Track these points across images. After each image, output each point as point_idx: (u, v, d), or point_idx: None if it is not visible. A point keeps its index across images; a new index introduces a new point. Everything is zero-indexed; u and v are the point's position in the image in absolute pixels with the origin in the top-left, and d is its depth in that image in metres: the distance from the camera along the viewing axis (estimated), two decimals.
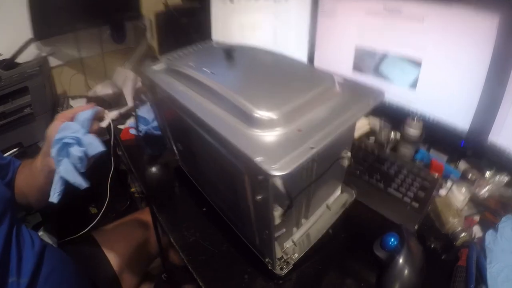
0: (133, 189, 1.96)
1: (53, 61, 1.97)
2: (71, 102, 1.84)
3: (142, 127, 1.27)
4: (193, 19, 1.84)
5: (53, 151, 0.62)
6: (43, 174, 0.74)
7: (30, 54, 1.81)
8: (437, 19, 0.89)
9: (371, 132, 1.11)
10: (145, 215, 1.22)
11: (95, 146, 0.62)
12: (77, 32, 1.96)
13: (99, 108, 0.69)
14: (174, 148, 0.92)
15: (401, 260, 0.62)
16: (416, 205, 0.79)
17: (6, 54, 1.63)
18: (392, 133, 1.03)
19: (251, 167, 0.40)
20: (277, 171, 0.37)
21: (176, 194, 0.97)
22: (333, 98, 0.53)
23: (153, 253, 1.19)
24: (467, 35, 0.83)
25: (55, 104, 1.78)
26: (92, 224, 1.18)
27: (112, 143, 1.30)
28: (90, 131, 0.65)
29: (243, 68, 0.68)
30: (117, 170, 1.62)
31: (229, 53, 0.69)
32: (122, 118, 1.48)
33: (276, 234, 0.57)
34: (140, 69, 0.79)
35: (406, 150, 0.98)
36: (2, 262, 0.68)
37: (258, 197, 0.46)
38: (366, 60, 1.09)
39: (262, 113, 0.46)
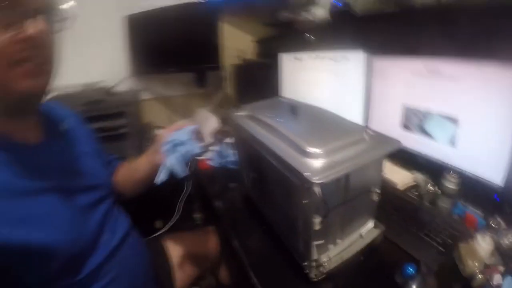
0: (198, 215, 2.18)
1: (144, 95, 2.31)
2: (156, 132, 2.12)
3: (219, 161, 1.52)
4: (265, 72, 2.03)
5: (165, 148, 0.92)
6: (146, 168, 1.05)
7: (126, 85, 2.18)
8: (470, 79, 0.98)
9: (415, 186, 1.19)
10: (208, 233, 1.39)
11: (196, 148, 0.91)
12: (167, 74, 2.29)
13: (197, 125, 0.98)
14: (246, 176, 1.15)
15: (414, 287, 0.74)
16: (442, 249, 0.86)
17: (107, 83, 2.02)
18: (431, 186, 1.11)
19: (302, 179, 0.63)
20: (317, 180, 0.60)
21: (243, 216, 1.16)
22: (361, 143, 0.74)
23: (205, 266, 1.33)
24: (496, 93, 0.92)
25: (142, 129, 2.08)
26: (157, 233, 1.33)
27: (190, 170, 1.50)
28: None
29: (301, 119, 0.92)
30: (188, 194, 1.82)
31: (293, 108, 0.93)
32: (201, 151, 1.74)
33: (316, 242, 0.76)
34: (229, 113, 1.04)
35: (443, 203, 1.04)
36: (104, 221, 0.91)
37: (305, 201, 0.67)
38: (412, 118, 1.20)
39: (311, 149, 0.69)
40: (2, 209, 0.66)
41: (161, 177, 0.92)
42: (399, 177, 1.21)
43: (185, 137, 0.93)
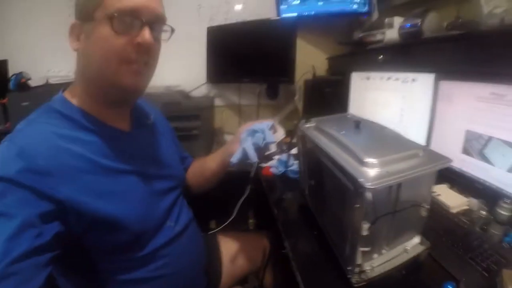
0: (252, 220, 2.28)
1: (217, 101, 2.51)
2: (225, 137, 2.29)
3: (282, 169, 1.61)
4: (335, 89, 2.10)
5: (244, 134, 1.07)
6: (218, 162, 1.21)
7: (202, 91, 2.41)
8: None
9: (468, 210, 1.17)
10: (259, 237, 1.48)
11: (271, 137, 1.05)
12: (240, 84, 2.47)
13: (274, 122, 1.11)
14: (306, 184, 1.24)
15: None
16: (485, 274, 0.85)
17: (185, 87, 2.26)
18: (484, 212, 1.10)
19: (356, 184, 0.72)
20: (369, 186, 0.68)
21: (298, 222, 1.23)
22: (414, 158, 0.80)
23: (252, 268, 1.41)
24: None
25: (213, 133, 2.25)
26: (213, 231, 1.39)
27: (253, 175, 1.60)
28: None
29: (363, 133, 1.00)
30: (246, 198, 1.90)
31: (357, 123, 1.01)
32: (265, 159, 1.83)
33: (362, 248, 0.81)
34: (297, 124, 1.14)
35: (495, 230, 1.02)
36: (171, 209, 1.02)
37: (357, 205, 0.75)
38: (473, 143, 1.20)
39: (368, 160, 0.76)
40: (90, 181, 0.79)
41: (236, 156, 1.05)
42: (453, 200, 1.21)
43: (263, 127, 1.07)
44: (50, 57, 2.25)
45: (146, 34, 0.80)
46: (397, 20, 1.62)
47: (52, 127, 0.79)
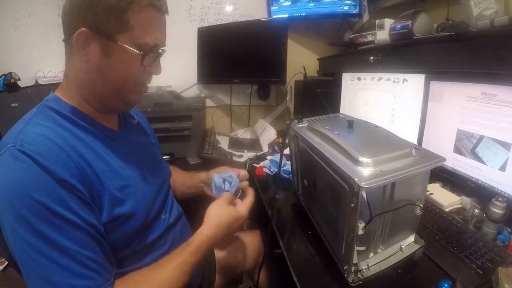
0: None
1: (208, 102, 2.46)
2: (217, 137, 2.28)
3: (273, 169, 1.63)
4: (326, 90, 2.11)
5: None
6: (199, 181, 1.29)
7: (193, 92, 2.37)
8: None
9: (461, 209, 1.20)
10: (252, 235, 1.48)
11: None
12: (231, 84, 2.45)
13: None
14: (300, 183, 1.25)
15: None
16: (480, 272, 0.86)
17: (176, 88, 2.19)
18: (477, 210, 1.10)
19: (351, 184, 0.72)
20: (364, 185, 0.68)
21: (292, 222, 1.24)
22: (408, 157, 0.81)
23: (245, 267, 1.41)
24: None
25: (204, 134, 2.24)
26: None
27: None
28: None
29: (356, 132, 1.00)
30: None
31: (351, 123, 1.01)
32: (258, 159, 1.84)
33: (358, 248, 0.82)
34: (290, 124, 1.13)
35: (488, 228, 1.03)
36: (163, 202, 1.05)
37: (352, 204, 0.75)
38: (464, 142, 1.22)
39: (362, 159, 0.77)
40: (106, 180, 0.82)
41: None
42: (446, 199, 1.22)
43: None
44: (39, 58, 2.22)
45: (160, 67, 0.91)
46: (388, 22, 1.63)
47: (53, 132, 0.77)
